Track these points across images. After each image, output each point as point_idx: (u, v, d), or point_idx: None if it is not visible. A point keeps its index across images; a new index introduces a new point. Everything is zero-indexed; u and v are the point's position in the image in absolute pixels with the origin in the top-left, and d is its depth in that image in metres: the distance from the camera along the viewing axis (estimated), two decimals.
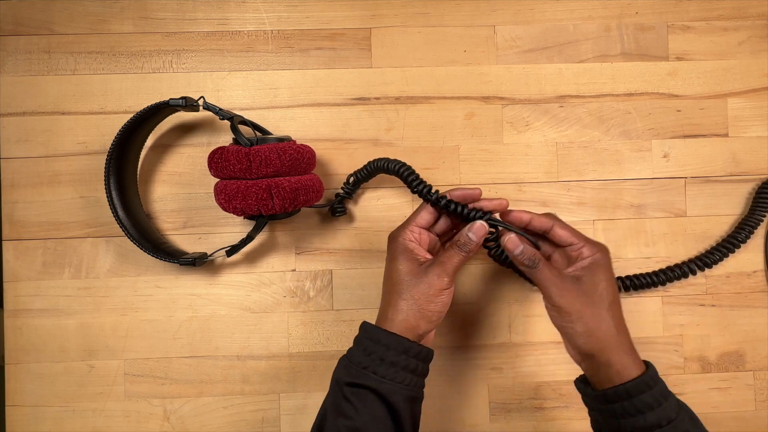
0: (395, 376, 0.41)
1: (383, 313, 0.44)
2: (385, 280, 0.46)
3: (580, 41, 0.58)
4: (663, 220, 0.58)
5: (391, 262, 0.45)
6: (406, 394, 0.41)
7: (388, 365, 0.41)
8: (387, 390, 0.41)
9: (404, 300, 0.43)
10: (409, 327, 0.43)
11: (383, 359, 0.41)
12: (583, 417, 0.57)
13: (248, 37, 0.57)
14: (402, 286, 0.44)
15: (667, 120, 0.58)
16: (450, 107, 0.57)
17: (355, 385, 0.41)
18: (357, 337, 0.45)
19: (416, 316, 0.43)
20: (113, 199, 0.51)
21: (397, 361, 0.41)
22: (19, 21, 0.56)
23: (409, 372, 0.42)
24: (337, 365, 0.44)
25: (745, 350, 0.58)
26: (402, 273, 0.44)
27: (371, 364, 0.41)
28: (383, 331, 0.43)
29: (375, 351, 0.42)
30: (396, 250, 0.45)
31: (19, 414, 0.55)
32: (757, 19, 0.59)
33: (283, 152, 0.48)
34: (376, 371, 0.41)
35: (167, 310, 0.56)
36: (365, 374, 0.41)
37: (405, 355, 0.42)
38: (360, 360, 0.42)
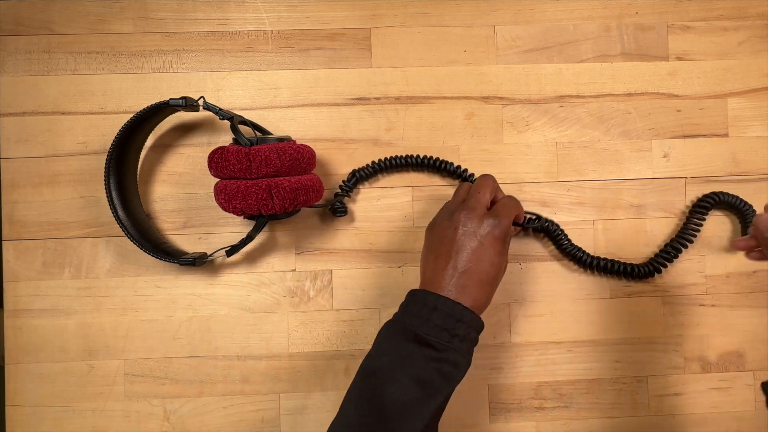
0: (468, 351, 0.44)
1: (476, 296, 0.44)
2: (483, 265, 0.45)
3: (580, 41, 0.58)
4: (663, 220, 0.58)
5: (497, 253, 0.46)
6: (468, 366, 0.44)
7: (469, 342, 0.44)
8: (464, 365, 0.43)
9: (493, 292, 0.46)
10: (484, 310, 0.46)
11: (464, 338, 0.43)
12: (583, 417, 0.57)
13: (248, 37, 0.57)
14: (498, 281, 0.46)
15: (667, 120, 0.58)
16: (450, 107, 0.57)
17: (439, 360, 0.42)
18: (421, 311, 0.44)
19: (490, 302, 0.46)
20: (113, 199, 0.51)
21: (474, 339, 0.44)
22: (19, 21, 0.56)
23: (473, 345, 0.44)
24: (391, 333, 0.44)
25: (745, 350, 0.58)
26: (503, 268, 0.47)
27: (452, 341, 0.42)
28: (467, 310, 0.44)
29: (456, 328, 0.43)
30: (505, 244, 0.47)
31: (19, 414, 0.55)
32: (757, 19, 0.59)
33: (283, 152, 0.48)
34: (457, 347, 0.43)
35: (167, 310, 0.56)
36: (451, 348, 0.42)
37: (476, 332, 0.44)
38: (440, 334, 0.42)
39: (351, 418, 0.41)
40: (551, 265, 0.57)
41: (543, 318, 0.57)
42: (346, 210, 0.56)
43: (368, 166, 0.56)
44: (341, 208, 0.55)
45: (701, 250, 0.58)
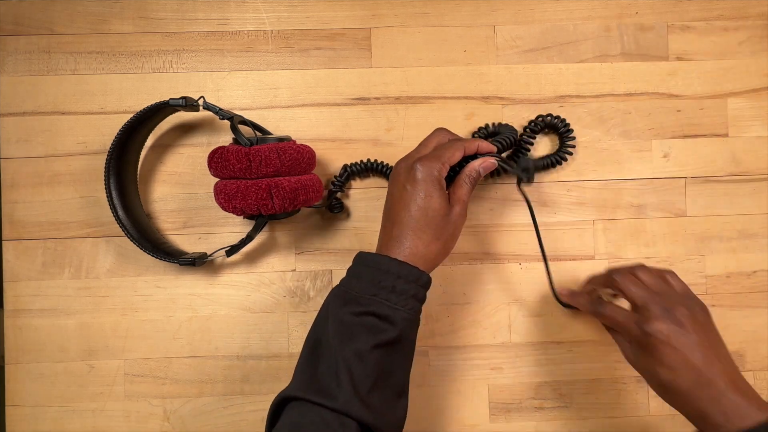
0: (405, 303, 0.41)
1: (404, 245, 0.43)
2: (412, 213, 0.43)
3: (580, 41, 0.58)
4: (663, 220, 0.58)
5: (426, 197, 0.43)
6: (411, 318, 0.42)
7: (398, 294, 0.41)
8: (398, 316, 0.40)
9: (437, 239, 0.43)
10: (431, 263, 0.43)
11: (393, 289, 0.41)
12: (583, 417, 0.57)
13: (248, 37, 0.57)
14: (437, 227, 0.43)
15: (667, 120, 0.58)
16: (450, 107, 0.57)
17: (363, 314, 0.40)
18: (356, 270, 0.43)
19: (442, 254, 0.44)
20: (113, 199, 0.51)
21: (407, 290, 0.41)
22: (19, 21, 0.56)
23: (416, 299, 0.42)
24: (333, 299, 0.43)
25: (745, 350, 0.58)
26: (438, 213, 0.43)
27: (380, 293, 0.41)
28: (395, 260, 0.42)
29: (384, 279, 0.41)
30: (431, 186, 0.43)
31: (19, 414, 0.55)
32: (757, 19, 0.59)
33: (283, 152, 0.48)
34: (387, 298, 0.40)
35: (167, 310, 0.56)
36: (375, 301, 0.40)
37: (415, 284, 0.42)
38: (366, 289, 0.41)
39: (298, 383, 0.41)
40: (551, 265, 0.57)
41: (543, 318, 0.57)
42: (343, 206, 0.56)
43: (360, 162, 0.56)
44: (338, 204, 0.55)
45: (701, 250, 0.58)
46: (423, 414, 0.56)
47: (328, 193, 0.55)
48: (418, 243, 0.43)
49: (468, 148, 0.46)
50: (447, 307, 0.57)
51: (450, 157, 0.44)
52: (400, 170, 0.45)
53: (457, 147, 0.45)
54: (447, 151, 0.45)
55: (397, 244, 0.43)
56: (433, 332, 0.57)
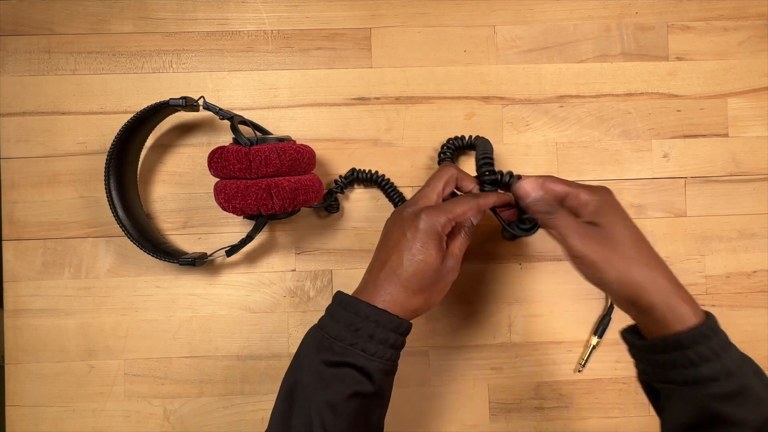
0: (383, 354, 0.40)
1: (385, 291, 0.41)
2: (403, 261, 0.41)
3: (580, 41, 0.58)
4: (663, 220, 0.58)
5: (422, 249, 0.41)
6: (386, 369, 0.40)
7: (377, 342, 0.39)
8: (372, 367, 0.39)
9: (422, 293, 0.41)
10: (413, 314, 0.42)
11: (372, 336, 0.39)
12: (583, 417, 0.57)
13: (248, 37, 0.57)
14: (425, 281, 0.41)
15: (667, 120, 0.58)
16: (450, 107, 0.57)
17: (340, 364, 0.39)
18: (332, 310, 0.42)
19: (424, 307, 0.42)
20: (113, 199, 0.51)
21: (386, 339, 0.40)
22: (19, 21, 0.56)
23: (394, 348, 0.41)
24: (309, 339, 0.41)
25: (745, 350, 0.57)
26: (429, 268, 0.41)
27: (358, 341, 0.39)
28: (376, 308, 0.40)
29: (363, 327, 0.39)
30: (431, 239, 0.41)
31: (19, 414, 0.55)
32: (757, 19, 0.59)
33: (283, 152, 0.48)
34: (365, 349, 0.39)
35: (167, 310, 0.56)
36: (352, 352, 0.39)
37: (394, 333, 0.40)
38: (344, 336, 0.40)
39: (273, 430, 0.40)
40: (551, 265, 0.57)
41: (543, 318, 0.57)
42: (338, 207, 0.56)
43: (370, 171, 0.55)
44: (335, 203, 0.55)
45: (701, 250, 0.58)
46: (423, 414, 0.56)
47: (328, 192, 0.55)
48: (401, 292, 0.41)
49: (483, 206, 0.45)
50: (447, 307, 0.57)
51: (460, 215, 0.43)
52: (404, 215, 0.43)
53: (470, 206, 0.43)
54: (458, 208, 0.43)
55: (380, 289, 0.41)
56: (433, 332, 0.57)
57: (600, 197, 0.42)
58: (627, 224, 0.42)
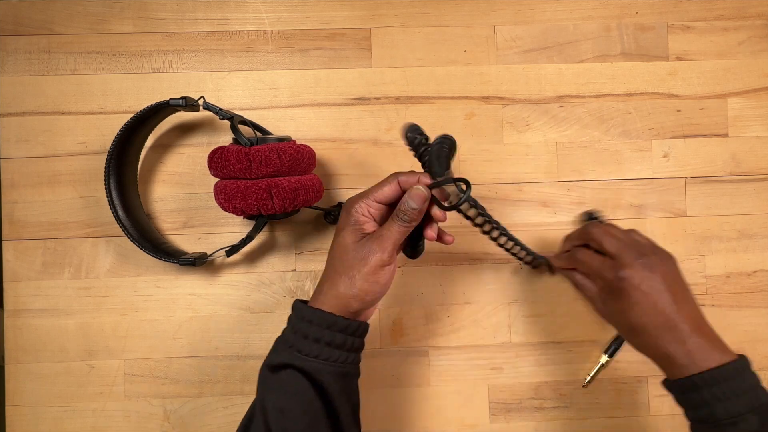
0: (320, 353, 0.39)
1: (319, 287, 0.42)
2: (329, 253, 0.42)
3: (580, 41, 0.58)
4: (663, 220, 0.58)
5: (337, 233, 0.42)
6: (333, 371, 0.39)
7: (312, 342, 0.39)
8: (312, 368, 0.38)
9: (340, 275, 0.40)
10: (341, 303, 0.40)
11: (306, 336, 0.39)
12: (583, 417, 0.57)
13: (248, 37, 0.57)
14: (340, 261, 0.40)
15: (667, 120, 0.58)
16: (450, 107, 0.57)
17: (279, 366, 0.39)
18: (289, 317, 0.42)
19: (349, 294, 0.40)
20: (113, 199, 0.51)
21: (321, 337, 0.39)
22: (19, 21, 0.56)
23: (335, 347, 0.39)
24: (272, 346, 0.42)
25: (745, 350, 0.57)
26: (344, 246, 0.41)
27: (296, 342, 0.39)
28: (307, 307, 0.40)
29: (300, 328, 0.39)
30: (345, 221, 0.42)
31: (19, 414, 0.55)
32: (757, 19, 0.59)
33: (283, 152, 0.48)
34: (300, 349, 0.39)
35: (167, 310, 0.56)
36: (290, 353, 0.39)
37: (329, 330, 0.39)
38: (287, 338, 0.40)
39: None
40: None
41: (543, 318, 0.57)
42: (335, 221, 0.56)
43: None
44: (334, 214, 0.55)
45: (701, 250, 0.58)
46: (423, 414, 0.56)
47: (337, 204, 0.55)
48: (324, 283, 0.41)
49: (404, 181, 0.41)
50: (447, 307, 0.57)
51: (378, 193, 0.41)
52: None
53: (387, 180, 0.42)
54: (375, 187, 0.42)
55: (316, 289, 0.42)
56: (433, 332, 0.57)
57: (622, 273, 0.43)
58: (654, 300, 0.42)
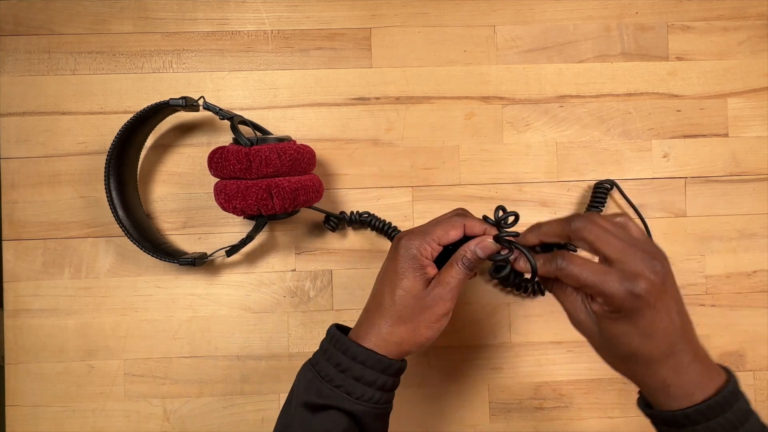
0: (371, 396, 0.38)
1: (374, 327, 0.40)
2: (383, 290, 0.40)
3: (580, 41, 0.58)
4: (663, 220, 0.58)
5: (397, 275, 0.39)
6: (377, 412, 0.39)
7: (363, 385, 0.38)
8: (359, 411, 0.37)
9: (404, 323, 0.39)
10: (400, 349, 0.39)
11: (359, 378, 0.38)
12: (583, 417, 0.57)
13: (248, 37, 0.57)
14: (405, 309, 0.39)
15: (667, 120, 0.58)
16: (450, 107, 0.57)
17: (323, 407, 0.38)
18: (325, 345, 0.40)
19: (411, 341, 0.39)
20: (113, 199, 0.51)
21: (374, 381, 0.38)
22: (19, 21, 0.56)
23: (384, 391, 0.39)
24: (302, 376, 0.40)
25: (745, 350, 0.58)
26: (408, 294, 0.39)
27: (344, 383, 0.38)
28: (361, 347, 0.39)
29: (351, 368, 0.38)
30: (408, 265, 0.39)
31: (19, 414, 0.55)
32: (757, 19, 0.59)
33: (283, 152, 0.48)
34: (350, 392, 0.37)
35: (167, 310, 0.56)
36: (337, 394, 0.37)
37: (383, 374, 0.38)
38: (332, 376, 0.38)
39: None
40: None
41: (543, 318, 0.57)
42: (335, 229, 0.56)
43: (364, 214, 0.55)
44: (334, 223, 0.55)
45: (701, 250, 0.58)
46: (423, 414, 0.56)
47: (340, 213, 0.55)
48: (383, 324, 0.39)
49: (470, 227, 0.40)
50: None
51: (441, 235, 0.39)
52: (392, 247, 0.41)
53: (453, 224, 0.40)
54: (439, 228, 0.40)
55: (365, 325, 0.40)
56: None
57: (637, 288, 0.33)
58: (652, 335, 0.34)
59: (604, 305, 0.34)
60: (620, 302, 0.33)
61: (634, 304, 0.33)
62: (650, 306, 0.33)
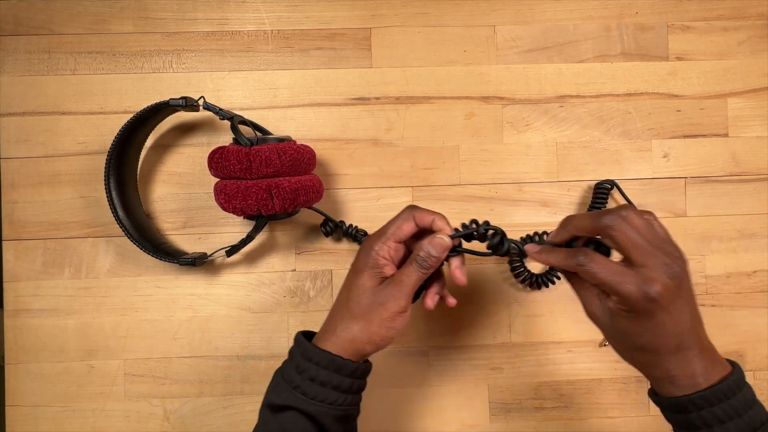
0: (326, 397, 0.39)
1: (331, 327, 0.41)
2: (342, 291, 0.42)
3: (580, 41, 0.58)
4: (663, 220, 0.57)
5: (354, 274, 0.41)
6: (336, 414, 0.39)
7: (318, 385, 0.38)
8: (316, 412, 0.38)
9: (357, 319, 0.40)
10: (354, 347, 0.40)
11: (313, 379, 0.39)
12: (583, 417, 0.57)
13: (248, 37, 0.57)
14: (357, 305, 0.40)
15: (667, 120, 0.58)
16: (450, 107, 0.57)
17: (282, 407, 0.39)
18: (291, 350, 0.41)
19: (365, 338, 0.40)
20: (113, 199, 0.51)
21: (328, 381, 0.39)
22: (19, 21, 0.56)
23: (341, 392, 0.39)
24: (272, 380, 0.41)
25: (745, 350, 0.58)
26: (362, 290, 0.40)
27: (301, 384, 0.39)
28: (315, 348, 0.39)
29: (306, 369, 0.39)
30: (364, 263, 0.40)
31: (19, 414, 0.55)
32: (757, 19, 0.59)
33: (283, 152, 0.48)
34: (306, 392, 0.38)
35: (167, 310, 0.56)
36: (294, 395, 0.38)
37: (337, 374, 0.39)
38: (291, 378, 0.39)
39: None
40: None
41: (543, 318, 0.57)
42: (328, 234, 0.56)
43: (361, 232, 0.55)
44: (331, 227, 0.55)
45: (701, 250, 0.58)
46: (423, 414, 0.56)
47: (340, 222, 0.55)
48: (339, 321, 0.40)
49: (420, 218, 0.41)
50: (447, 307, 0.57)
51: (395, 231, 0.40)
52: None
53: (404, 218, 0.41)
54: (392, 225, 0.41)
55: (326, 327, 0.41)
56: (433, 332, 0.57)
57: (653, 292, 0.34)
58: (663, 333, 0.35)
59: (619, 303, 0.36)
60: (634, 303, 0.34)
61: (648, 306, 0.34)
62: (663, 309, 0.34)
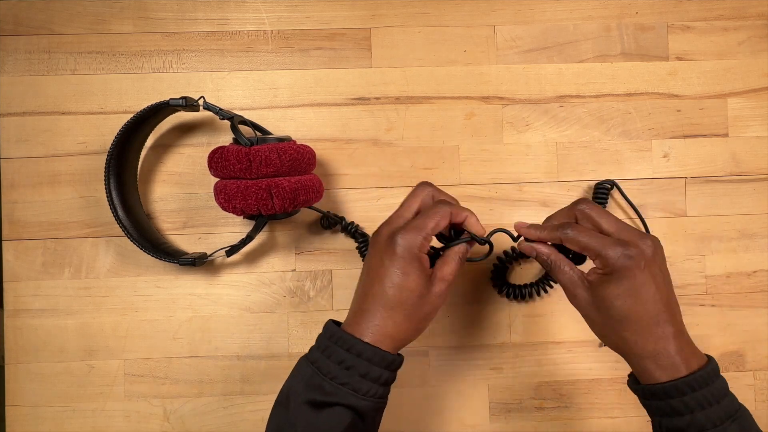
0: (376, 392, 0.39)
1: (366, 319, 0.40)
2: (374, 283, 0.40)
3: (580, 41, 0.58)
4: (663, 220, 0.58)
5: (399, 272, 0.39)
6: (379, 407, 0.39)
7: (370, 381, 0.38)
8: (365, 407, 0.38)
9: (409, 321, 0.40)
10: (393, 342, 0.40)
11: (365, 375, 0.38)
12: (583, 417, 0.57)
13: (248, 37, 0.57)
14: (412, 308, 0.40)
15: (667, 120, 0.58)
16: (450, 107, 0.57)
17: (328, 404, 0.38)
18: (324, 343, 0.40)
19: (414, 334, 0.41)
20: (113, 199, 0.51)
21: (379, 377, 0.39)
22: (19, 21, 0.56)
23: (386, 385, 0.40)
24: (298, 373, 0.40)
25: (745, 350, 0.58)
26: (413, 292, 0.39)
27: (350, 381, 0.38)
28: (367, 345, 0.39)
29: (356, 366, 0.38)
30: (407, 260, 0.39)
31: (19, 414, 0.55)
32: (757, 19, 0.59)
33: (283, 152, 0.48)
34: (357, 389, 0.38)
35: (167, 310, 0.56)
36: (344, 391, 0.38)
37: (386, 370, 0.39)
38: (335, 374, 0.38)
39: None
40: None
41: (543, 318, 0.57)
42: (327, 227, 0.56)
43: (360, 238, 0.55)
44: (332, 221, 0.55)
45: (701, 250, 0.58)
46: (423, 414, 0.56)
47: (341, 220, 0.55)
48: (388, 322, 0.39)
49: (456, 215, 0.41)
50: (447, 307, 0.57)
51: (434, 228, 0.40)
52: (380, 239, 0.41)
53: (442, 214, 0.41)
54: (430, 221, 0.40)
55: (365, 320, 0.40)
56: (433, 332, 0.57)
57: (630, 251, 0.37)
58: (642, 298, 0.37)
59: (599, 268, 0.39)
60: (615, 261, 0.37)
61: (626, 263, 0.37)
62: (640, 268, 0.37)
